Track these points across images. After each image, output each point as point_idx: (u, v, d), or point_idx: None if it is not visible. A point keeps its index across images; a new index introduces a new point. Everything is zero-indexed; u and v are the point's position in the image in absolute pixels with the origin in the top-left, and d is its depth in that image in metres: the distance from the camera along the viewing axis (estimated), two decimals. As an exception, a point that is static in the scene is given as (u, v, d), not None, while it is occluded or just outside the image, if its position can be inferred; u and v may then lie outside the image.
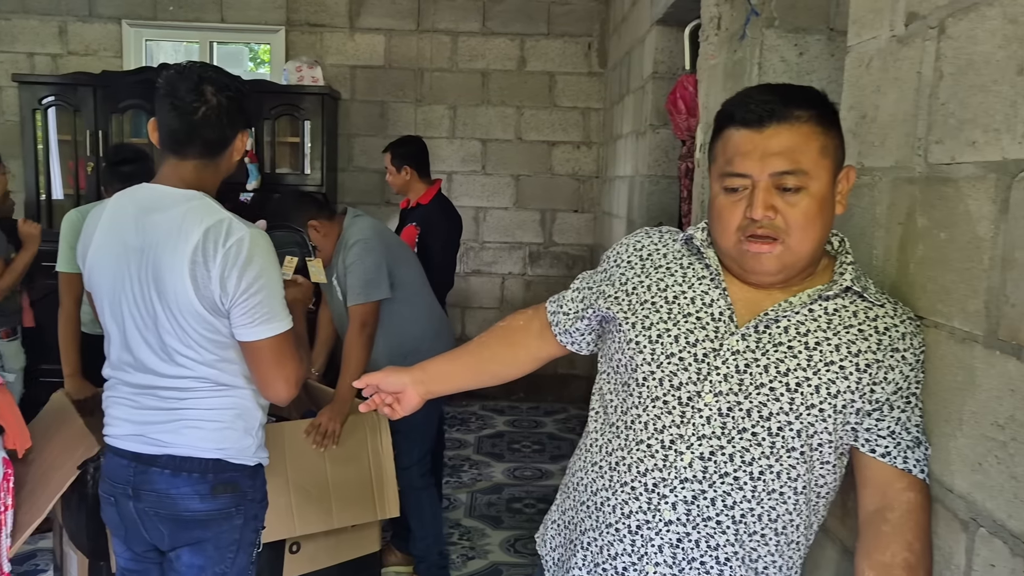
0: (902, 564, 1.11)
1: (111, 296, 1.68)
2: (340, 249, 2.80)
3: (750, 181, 1.14)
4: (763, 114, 1.13)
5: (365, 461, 2.55)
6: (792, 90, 1.17)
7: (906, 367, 1.15)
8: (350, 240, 2.77)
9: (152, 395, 1.68)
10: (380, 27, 5.44)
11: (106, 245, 1.67)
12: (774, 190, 1.13)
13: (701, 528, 1.17)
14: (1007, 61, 1.01)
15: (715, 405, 1.16)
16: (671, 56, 3.82)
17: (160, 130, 1.66)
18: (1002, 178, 1.01)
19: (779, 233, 1.13)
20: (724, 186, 1.17)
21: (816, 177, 1.13)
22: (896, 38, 1.29)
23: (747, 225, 1.14)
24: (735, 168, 1.15)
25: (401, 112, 5.49)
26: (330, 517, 2.44)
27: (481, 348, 1.50)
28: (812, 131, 1.13)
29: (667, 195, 3.86)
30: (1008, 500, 0.99)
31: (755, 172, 1.13)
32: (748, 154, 1.13)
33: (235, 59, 5.99)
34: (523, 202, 5.64)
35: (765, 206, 1.12)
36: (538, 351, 1.47)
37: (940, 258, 1.15)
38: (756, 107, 1.14)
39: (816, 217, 1.13)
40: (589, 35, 5.49)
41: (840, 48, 2.25)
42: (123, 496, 1.69)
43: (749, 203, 1.14)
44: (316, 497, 2.41)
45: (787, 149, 1.12)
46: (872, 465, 1.17)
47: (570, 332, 1.41)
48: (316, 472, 2.44)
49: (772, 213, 1.12)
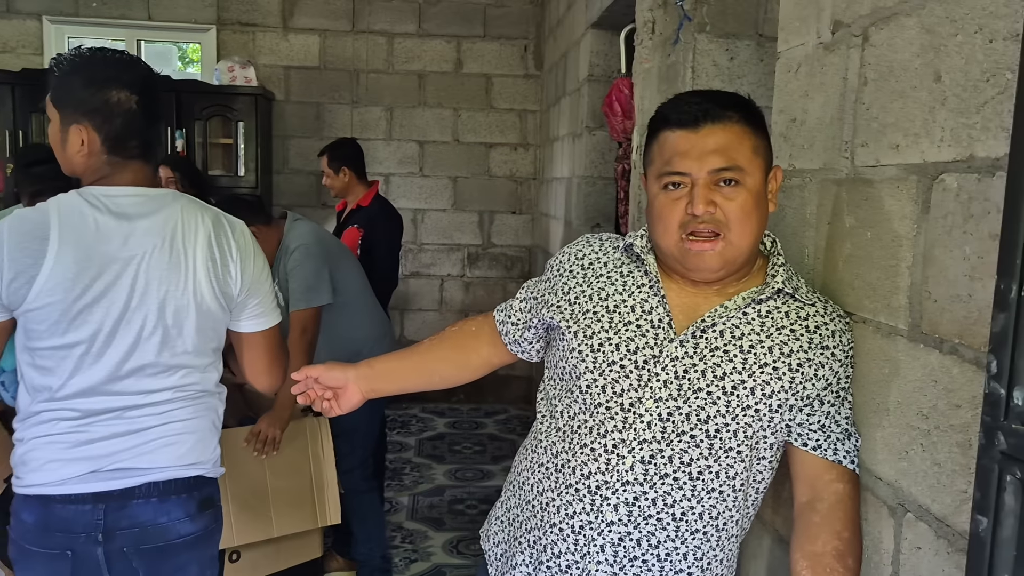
0: (832, 552, 1.16)
1: (75, 317, 1.46)
2: (281, 255, 2.76)
3: (689, 179, 1.18)
4: (698, 115, 1.18)
5: (306, 468, 2.52)
6: (721, 94, 1.23)
7: (836, 363, 1.20)
8: (291, 245, 2.73)
9: (118, 419, 1.50)
10: (314, 27, 5.38)
11: (70, 258, 1.44)
12: (712, 186, 1.17)
13: (642, 527, 1.21)
14: (924, 68, 1.06)
15: (655, 410, 1.19)
16: (606, 59, 3.88)
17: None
18: (923, 180, 1.06)
19: (720, 227, 1.17)
20: (663, 186, 1.21)
21: (750, 173, 1.18)
22: (823, 45, 1.35)
23: (688, 222, 1.18)
24: (674, 167, 1.19)
25: (337, 114, 5.44)
26: (270, 526, 2.40)
27: (431, 350, 1.50)
28: (744, 131, 1.18)
29: (604, 196, 3.91)
30: (931, 485, 1.04)
31: (694, 170, 1.17)
32: (686, 153, 1.18)
33: (163, 58, 5.84)
34: (461, 204, 5.64)
35: (706, 201, 1.16)
36: (490, 357, 1.49)
37: (866, 256, 1.20)
38: (690, 109, 1.19)
39: (753, 211, 1.18)
40: (525, 38, 5.53)
41: (768, 53, 2.32)
42: (88, 543, 1.48)
43: (689, 200, 1.17)
44: (255, 506, 2.37)
45: (723, 147, 1.16)
46: (804, 458, 1.21)
47: (519, 342, 1.43)
48: (255, 480, 2.40)
49: (712, 208, 1.16)
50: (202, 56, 5.48)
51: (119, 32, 5.38)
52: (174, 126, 4.91)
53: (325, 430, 2.59)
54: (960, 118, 0.98)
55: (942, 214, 1.02)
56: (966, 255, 0.97)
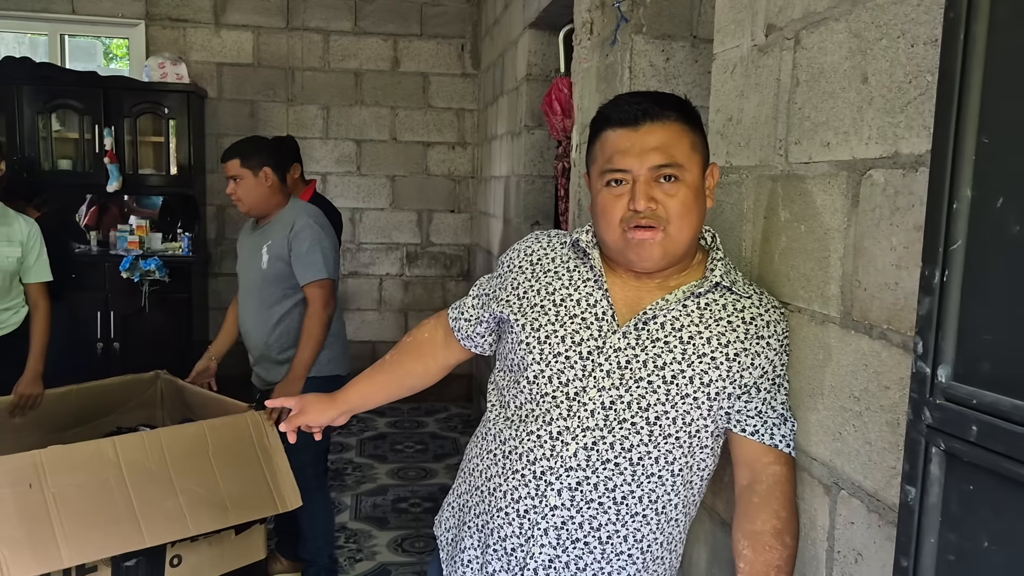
0: (770, 531, 1.22)
1: None
2: (281, 224, 2.82)
3: (631, 176, 1.23)
4: (638, 114, 1.23)
5: (254, 459, 2.49)
6: (660, 95, 1.28)
7: (771, 352, 1.26)
8: (300, 218, 2.81)
9: None
10: (248, 24, 5.29)
11: None
12: (653, 183, 1.22)
13: (584, 511, 1.25)
14: (853, 71, 1.13)
15: (599, 399, 1.24)
16: (544, 59, 3.92)
17: None
18: (852, 175, 1.13)
19: (660, 222, 1.22)
20: (606, 183, 1.25)
21: (689, 169, 1.23)
22: (757, 47, 1.41)
23: (630, 217, 1.23)
24: (616, 165, 1.23)
25: (272, 112, 5.36)
26: (226, 515, 2.37)
27: (395, 366, 1.57)
28: (682, 129, 1.24)
29: (543, 194, 3.96)
30: (863, 463, 1.10)
31: (634, 167, 1.22)
32: (627, 151, 1.23)
33: (88, 54, 5.65)
34: (399, 203, 5.62)
35: (647, 197, 1.21)
36: (445, 359, 1.54)
37: (800, 248, 1.27)
38: (631, 108, 1.24)
39: (692, 206, 1.23)
40: (462, 37, 5.54)
41: (703, 54, 2.39)
42: None
43: (631, 196, 1.22)
44: (207, 497, 2.34)
45: (662, 144, 1.22)
46: (742, 443, 1.27)
47: (472, 337, 1.46)
48: (203, 472, 2.37)
49: (653, 204, 1.22)
50: (130, 52, 5.33)
51: (41, 26, 5.21)
52: (102, 123, 4.77)
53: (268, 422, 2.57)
54: (886, 117, 1.05)
55: (870, 207, 1.08)
56: (893, 246, 1.03)
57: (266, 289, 2.84)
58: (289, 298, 2.83)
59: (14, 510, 2.05)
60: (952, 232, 0.73)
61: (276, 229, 2.83)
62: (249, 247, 2.94)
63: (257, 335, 2.88)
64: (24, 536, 2.03)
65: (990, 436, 0.70)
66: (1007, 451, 0.68)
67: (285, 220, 2.83)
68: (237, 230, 5.40)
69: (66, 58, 5.30)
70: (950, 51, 0.73)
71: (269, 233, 2.84)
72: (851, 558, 1.14)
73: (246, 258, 2.96)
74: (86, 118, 4.80)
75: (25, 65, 4.71)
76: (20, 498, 2.07)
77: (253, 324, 2.90)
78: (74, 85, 4.79)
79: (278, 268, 2.79)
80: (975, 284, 0.72)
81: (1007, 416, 0.68)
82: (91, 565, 2.18)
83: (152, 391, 3.17)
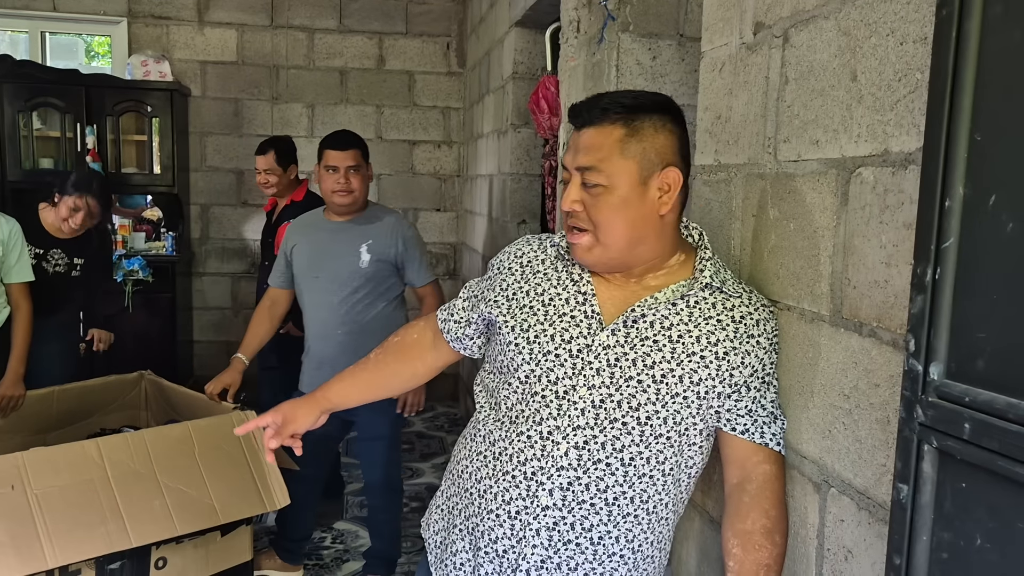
0: (760, 530, 1.22)
1: None
2: (383, 225, 2.83)
3: (569, 175, 1.26)
4: (585, 115, 1.25)
5: (241, 458, 2.47)
6: (621, 96, 1.25)
7: (760, 351, 1.26)
8: (402, 221, 2.90)
9: None
10: (231, 21, 5.25)
11: None
12: (582, 186, 1.24)
13: (576, 511, 1.24)
14: (842, 68, 1.13)
15: (589, 397, 1.23)
16: (530, 57, 3.92)
17: None
18: (841, 173, 1.13)
19: (586, 224, 1.24)
20: (561, 180, 1.28)
21: (616, 175, 1.21)
22: (745, 45, 1.41)
23: (564, 217, 1.27)
24: (563, 160, 1.27)
25: (256, 110, 5.32)
26: (215, 514, 2.35)
27: (380, 366, 1.54)
28: (621, 134, 1.21)
29: (530, 193, 3.95)
30: (853, 461, 1.11)
31: (569, 165, 1.25)
32: (569, 150, 1.26)
33: (69, 51, 5.59)
34: (385, 201, 5.59)
35: (571, 199, 1.24)
36: (434, 361, 1.52)
37: (790, 246, 1.27)
38: (583, 108, 1.26)
39: (619, 212, 1.22)
40: (447, 35, 5.52)
41: (689, 53, 2.40)
42: None
43: None
44: (194, 496, 2.32)
45: (591, 147, 1.23)
46: (732, 442, 1.27)
47: (461, 339, 1.46)
48: (189, 472, 2.35)
49: (578, 207, 1.23)
50: (112, 49, 5.28)
51: (22, 23, 5.14)
52: (84, 122, 4.72)
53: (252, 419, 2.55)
54: (876, 115, 1.05)
55: (860, 205, 1.08)
56: (883, 244, 1.03)
57: (364, 287, 2.81)
58: (382, 297, 2.86)
59: (-4, 513, 2.02)
60: (945, 230, 0.73)
61: (378, 229, 2.82)
62: (327, 242, 2.84)
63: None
64: (8, 538, 2.01)
65: (984, 434, 0.70)
66: (1001, 449, 0.68)
67: (386, 221, 2.85)
68: (222, 229, 5.38)
69: (47, 56, 5.25)
70: (942, 48, 0.73)
71: (368, 232, 2.81)
72: (841, 556, 1.14)
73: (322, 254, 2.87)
74: (68, 116, 4.75)
75: (5, 63, 4.65)
76: (3, 500, 2.05)
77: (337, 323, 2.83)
78: (55, 83, 4.73)
79: (378, 267, 2.80)
80: (968, 282, 0.72)
81: (1002, 414, 0.68)
82: (75, 568, 2.16)
83: (136, 392, 3.14)
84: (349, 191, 2.75)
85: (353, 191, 2.75)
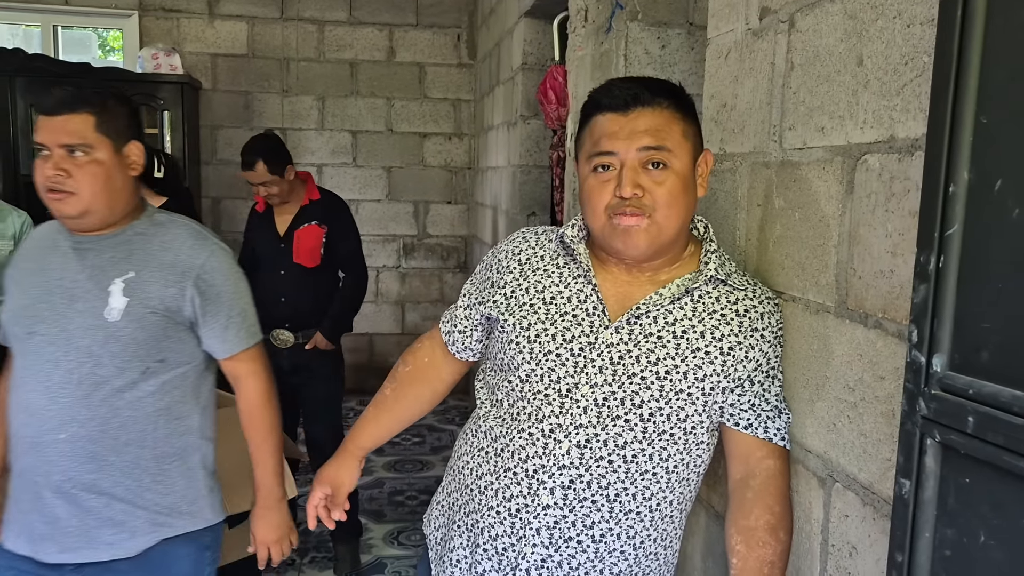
0: (764, 526, 1.20)
1: None
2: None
3: (618, 160, 1.19)
4: (628, 99, 1.20)
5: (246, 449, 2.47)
6: (653, 81, 1.25)
7: (765, 345, 1.23)
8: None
9: None
10: (242, 14, 5.25)
11: None
12: (640, 169, 1.19)
13: (577, 510, 1.22)
14: (848, 53, 1.10)
15: (591, 396, 1.21)
16: (540, 47, 3.89)
17: None
18: (847, 161, 1.10)
19: (647, 210, 1.19)
20: (593, 168, 1.22)
21: (678, 156, 1.20)
22: (751, 31, 1.38)
23: (616, 204, 1.20)
24: (602, 148, 1.20)
25: (267, 103, 5.32)
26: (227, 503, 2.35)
27: (401, 400, 1.52)
28: (673, 115, 1.21)
29: (539, 185, 3.93)
30: (858, 455, 1.08)
31: (622, 150, 1.19)
32: (615, 135, 1.20)
33: (82, 45, 5.62)
34: (396, 194, 5.59)
35: (632, 184, 1.18)
36: (449, 376, 1.51)
37: (795, 236, 1.24)
38: (621, 93, 1.21)
39: (680, 195, 1.20)
40: (458, 26, 5.50)
41: (698, 42, 2.36)
42: None
43: (618, 183, 1.19)
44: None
45: (652, 128, 1.19)
46: (736, 437, 1.24)
47: (468, 348, 1.44)
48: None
49: (640, 191, 1.18)
50: (124, 43, 5.29)
51: (35, 17, 5.16)
52: (95, 115, 4.73)
53: None
54: (882, 100, 1.02)
55: (866, 193, 1.06)
56: (888, 232, 1.01)
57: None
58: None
59: None
60: (948, 216, 0.71)
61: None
62: None
63: None
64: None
65: (989, 428, 0.67)
66: (1007, 443, 0.66)
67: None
68: (232, 222, 5.39)
69: (59, 50, 5.26)
70: (947, 29, 0.71)
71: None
72: (845, 551, 1.11)
73: None
74: (79, 110, 4.76)
75: (17, 56, 4.67)
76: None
77: None
78: (67, 76, 4.74)
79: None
80: (973, 270, 0.70)
81: (1007, 407, 0.66)
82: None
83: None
84: (67, 191, 1.50)
85: (75, 191, 1.50)
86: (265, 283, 3.06)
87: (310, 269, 3.17)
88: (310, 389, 3.19)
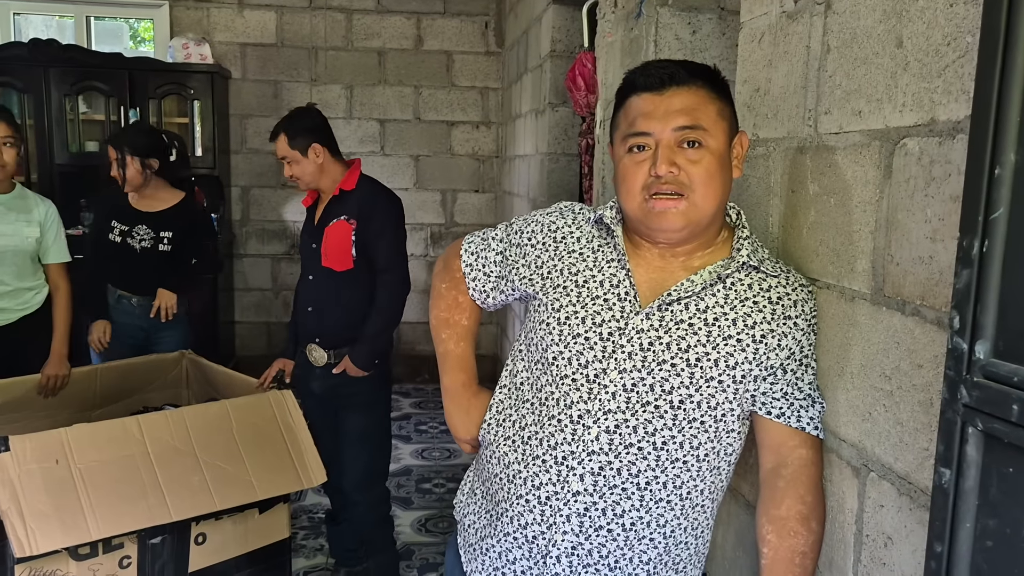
0: (796, 516, 1.18)
1: None
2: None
3: (653, 140, 1.18)
4: (664, 78, 1.19)
5: (278, 436, 2.50)
6: (688, 63, 1.24)
7: (798, 332, 1.22)
8: None
9: None
10: (270, 3, 5.27)
11: None
12: (676, 148, 1.18)
13: (607, 497, 1.22)
14: (887, 35, 1.07)
15: (620, 381, 1.20)
16: (568, 35, 3.86)
17: None
18: (885, 145, 1.08)
19: (683, 189, 1.18)
20: (628, 148, 1.21)
21: (714, 136, 1.19)
22: (785, 14, 1.35)
23: (652, 183, 1.19)
24: (638, 128, 1.19)
25: (295, 92, 5.35)
26: (252, 491, 2.38)
27: (467, 336, 1.51)
28: (708, 95, 1.20)
29: (567, 172, 3.91)
30: (894, 444, 1.06)
31: (657, 130, 1.18)
32: (650, 114, 1.19)
33: (114, 36, 5.67)
34: (423, 183, 5.60)
35: (668, 162, 1.17)
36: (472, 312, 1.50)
37: (830, 222, 1.22)
38: (657, 73, 1.20)
39: (716, 174, 1.19)
40: (486, 14, 5.48)
41: (730, 27, 2.33)
42: None
43: (653, 162, 1.18)
44: (232, 472, 2.35)
45: (687, 107, 1.18)
46: (768, 426, 1.23)
47: (487, 292, 1.44)
48: (227, 449, 2.38)
49: (675, 169, 1.17)
50: (155, 33, 5.34)
51: (68, 8, 5.23)
52: (128, 105, 4.79)
53: (291, 400, 2.57)
54: (922, 83, 1.00)
55: (904, 178, 1.04)
56: (927, 218, 0.99)
57: None
58: None
59: (41, 484, 2.07)
60: (994, 199, 0.69)
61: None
62: None
63: None
64: (52, 509, 2.05)
65: (1033, 416, 0.65)
66: (1051, 432, 0.64)
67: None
68: (262, 211, 5.43)
69: (92, 41, 5.33)
70: (994, 3, 0.68)
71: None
72: (880, 542, 1.10)
73: None
74: (112, 100, 4.82)
75: (51, 47, 4.74)
76: (48, 473, 2.09)
77: None
78: (99, 67, 4.81)
79: None
80: (1019, 255, 0.68)
81: (1052, 395, 0.64)
82: (117, 542, 2.20)
83: (177, 371, 3.19)
84: None
85: None
86: (298, 290, 2.86)
87: (340, 273, 2.69)
88: (342, 421, 2.80)
